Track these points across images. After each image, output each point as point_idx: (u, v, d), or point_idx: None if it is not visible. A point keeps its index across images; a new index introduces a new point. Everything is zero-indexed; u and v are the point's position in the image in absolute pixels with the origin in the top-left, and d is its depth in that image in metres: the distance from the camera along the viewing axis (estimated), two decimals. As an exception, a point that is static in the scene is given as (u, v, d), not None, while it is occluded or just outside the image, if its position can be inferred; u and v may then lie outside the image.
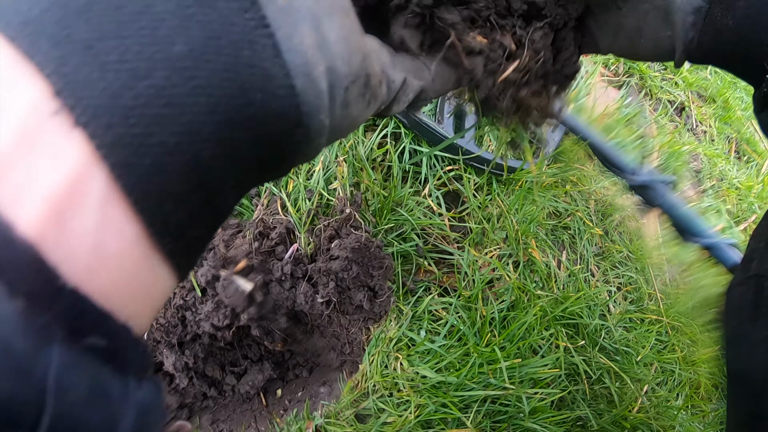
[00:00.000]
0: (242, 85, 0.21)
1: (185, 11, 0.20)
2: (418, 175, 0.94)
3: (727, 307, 0.63)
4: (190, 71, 0.19)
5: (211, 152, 0.21)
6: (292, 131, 0.24)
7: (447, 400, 0.81)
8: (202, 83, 0.20)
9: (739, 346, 0.58)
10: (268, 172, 0.26)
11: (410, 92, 0.33)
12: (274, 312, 0.85)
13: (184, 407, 1.03)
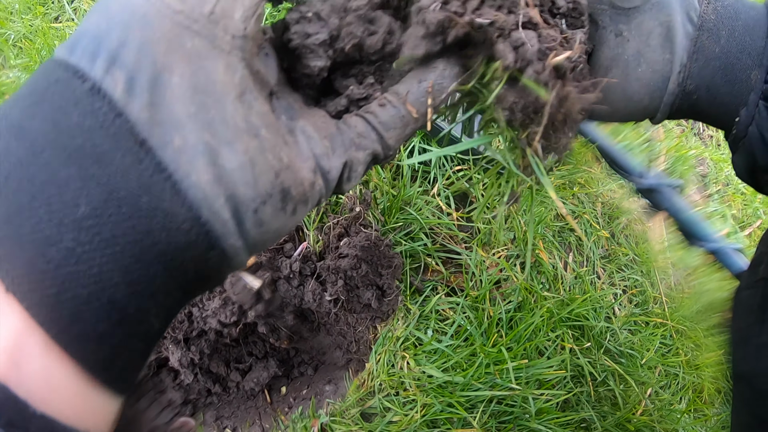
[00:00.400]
0: (145, 230, 0.23)
1: (86, 172, 0.23)
2: (427, 174, 0.94)
3: (735, 310, 0.63)
4: (95, 228, 0.22)
5: (124, 293, 0.23)
6: (205, 256, 0.26)
7: (453, 399, 0.81)
8: (107, 237, 0.23)
9: (745, 348, 0.58)
10: (192, 292, 0.28)
11: (358, 168, 0.34)
12: (281, 309, 0.85)
13: (188, 403, 1.03)
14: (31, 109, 0.24)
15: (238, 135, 0.26)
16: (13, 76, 1.14)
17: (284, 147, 0.28)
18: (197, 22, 0.25)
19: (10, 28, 1.22)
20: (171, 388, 1.03)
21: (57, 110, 0.23)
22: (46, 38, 1.13)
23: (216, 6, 0.26)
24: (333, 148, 0.33)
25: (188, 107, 0.24)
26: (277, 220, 0.28)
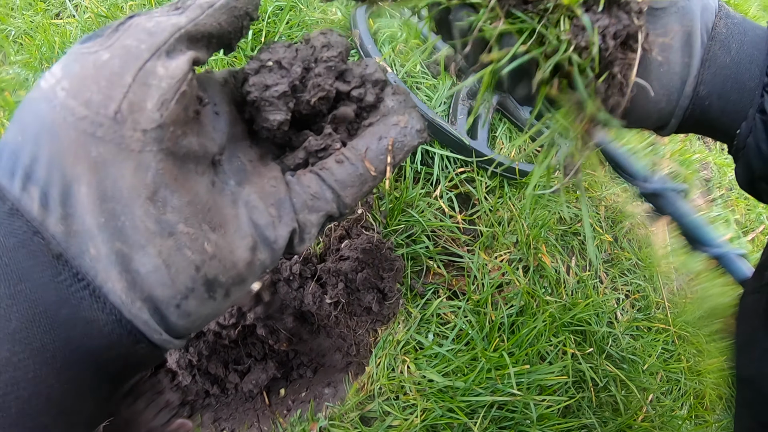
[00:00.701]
0: (66, 337, 0.26)
1: (14, 290, 0.25)
2: (430, 176, 0.93)
3: (740, 315, 0.63)
4: (26, 340, 0.24)
5: (59, 391, 0.26)
6: (133, 350, 0.28)
7: (454, 404, 0.80)
8: (37, 346, 0.25)
9: (751, 352, 0.57)
10: (126, 378, 0.30)
11: (312, 230, 0.34)
12: (280, 311, 0.84)
13: (186, 404, 1.02)
14: None
15: (149, 238, 0.27)
16: (13, 72, 1.13)
17: (211, 234, 0.29)
18: (102, 126, 0.26)
19: (11, 24, 1.21)
20: (169, 389, 1.01)
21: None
22: (47, 34, 1.12)
23: (122, 103, 0.26)
24: (280, 216, 0.33)
25: (98, 217, 0.26)
26: (205, 308, 0.29)
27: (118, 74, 0.27)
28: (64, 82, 0.26)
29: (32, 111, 0.26)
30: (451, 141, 0.92)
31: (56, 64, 0.28)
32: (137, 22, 0.29)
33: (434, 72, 1.04)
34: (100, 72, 0.27)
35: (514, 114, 1.06)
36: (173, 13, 0.30)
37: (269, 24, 1.01)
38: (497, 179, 0.97)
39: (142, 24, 0.29)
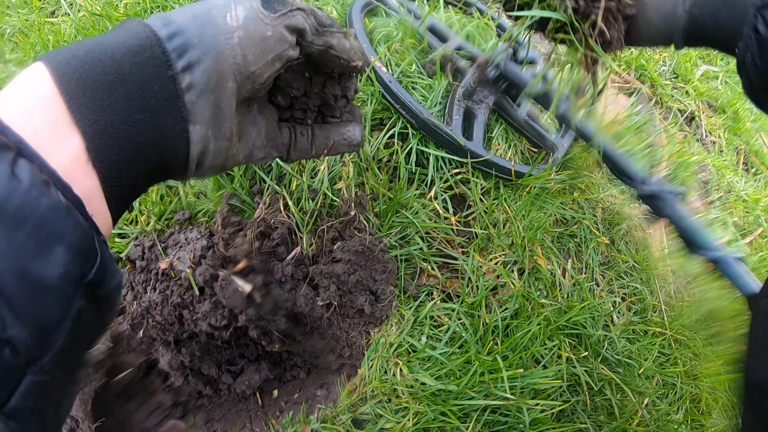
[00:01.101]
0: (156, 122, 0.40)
1: (150, 117, 0.39)
2: (425, 177, 0.93)
3: (753, 318, 0.62)
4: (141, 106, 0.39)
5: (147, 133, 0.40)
6: (179, 155, 0.42)
7: (446, 408, 0.79)
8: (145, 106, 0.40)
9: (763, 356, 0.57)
10: (157, 178, 0.44)
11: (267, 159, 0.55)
12: (273, 313, 0.83)
13: (179, 405, 1.01)
14: (132, 65, 0.37)
15: (221, 137, 0.43)
16: (7, 71, 1.12)
17: (237, 143, 0.47)
18: (241, 74, 0.42)
19: (6, 22, 1.21)
20: (161, 390, 1.01)
21: (148, 79, 0.38)
22: (41, 33, 1.11)
23: (258, 69, 0.43)
24: (265, 146, 0.52)
25: (210, 115, 0.41)
26: (210, 175, 0.47)
27: (268, 51, 0.43)
28: (241, 32, 0.41)
29: (213, 32, 0.40)
30: (447, 142, 0.91)
31: (240, 7, 0.42)
32: (296, 17, 0.44)
33: (430, 72, 1.03)
34: (261, 43, 0.42)
35: (511, 114, 1.05)
36: (314, 31, 0.46)
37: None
38: (492, 180, 0.96)
39: (296, 22, 0.44)
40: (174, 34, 0.39)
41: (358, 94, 0.88)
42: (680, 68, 1.60)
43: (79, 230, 0.32)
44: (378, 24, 1.03)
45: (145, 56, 0.38)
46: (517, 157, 1.06)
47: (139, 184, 0.41)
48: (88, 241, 0.33)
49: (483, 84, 1.01)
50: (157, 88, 0.38)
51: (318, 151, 0.58)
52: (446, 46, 1.04)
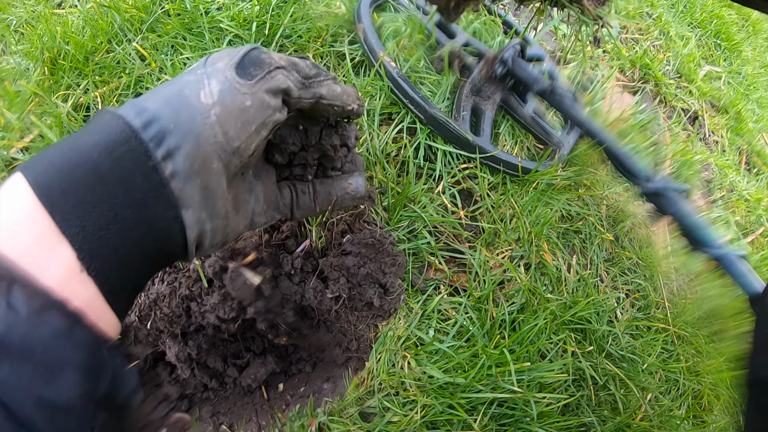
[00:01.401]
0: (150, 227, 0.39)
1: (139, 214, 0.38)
2: (433, 171, 0.93)
3: (760, 315, 0.63)
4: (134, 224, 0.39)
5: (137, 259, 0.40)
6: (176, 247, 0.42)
7: (454, 401, 0.80)
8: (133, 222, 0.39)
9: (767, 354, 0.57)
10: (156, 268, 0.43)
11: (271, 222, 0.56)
12: (281, 306, 0.84)
13: (185, 398, 1.01)
14: (111, 162, 0.36)
15: (216, 217, 0.43)
16: (13, 62, 1.12)
17: (234, 216, 0.46)
18: (225, 152, 0.41)
19: (12, 13, 1.21)
20: (167, 382, 1.02)
21: (129, 173, 0.37)
22: (49, 24, 1.11)
23: (242, 144, 0.42)
24: (267, 211, 0.52)
25: (200, 198, 0.40)
26: (211, 252, 0.47)
27: (250, 122, 0.41)
28: (218, 108, 0.40)
29: (188, 114, 0.39)
30: (454, 137, 0.92)
31: (214, 81, 0.41)
32: (277, 78, 0.43)
33: (438, 68, 1.03)
34: (241, 115, 0.41)
35: (517, 111, 1.06)
36: (299, 86, 0.45)
37: (273, 17, 1.00)
38: (500, 176, 0.97)
39: (278, 83, 0.43)
40: (149, 123, 0.38)
41: (366, 89, 0.88)
42: (684, 68, 1.61)
43: (83, 349, 0.32)
44: (387, 19, 1.04)
45: (123, 150, 0.37)
46: (523, 153, 1.07)
47: (141, 278, 0.41)
48: (94, 357, 0.33)
49: (490, 81, 1.01)
50: (141, 180, 0.37)
51: (322, 208, 0.57)
52: (454, 42, 1.05)
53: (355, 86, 0.53)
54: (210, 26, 1.01)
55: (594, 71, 1.36)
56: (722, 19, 1.96)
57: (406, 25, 1.03)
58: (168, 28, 1.03)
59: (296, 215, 0.55)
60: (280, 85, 0.43)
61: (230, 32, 0.99)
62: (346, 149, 0.56)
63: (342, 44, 1.02)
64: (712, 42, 1.87)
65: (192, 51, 1.00)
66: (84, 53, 1.05)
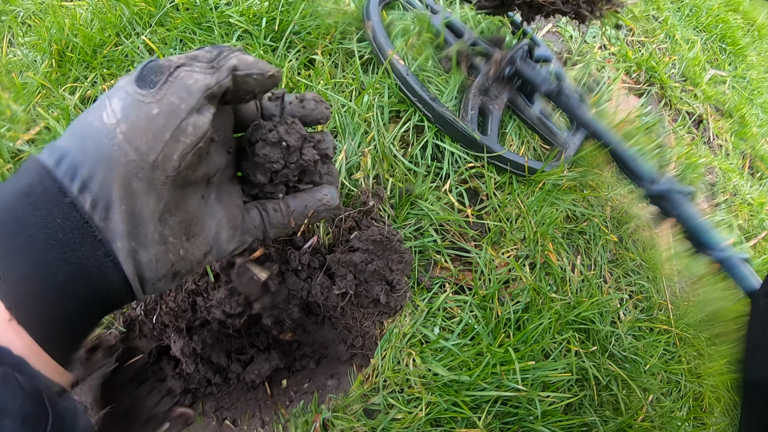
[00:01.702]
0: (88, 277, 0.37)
1: (65, 255, 0.36)
2: (440, 170, 0.93)
3: (753, 317, 0.63)
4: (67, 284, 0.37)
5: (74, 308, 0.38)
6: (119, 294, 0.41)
7: (458, 399, 0.80)
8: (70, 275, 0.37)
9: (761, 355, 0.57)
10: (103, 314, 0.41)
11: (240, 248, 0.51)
12: (286, 302, 0.84)
13: (188, 393, 1.02)
14: (28, 206, 0.35)
15: (151, 244, 0.40)
16: (20, 53, 1.12)
17: (186, 243, 0.43)
18: (142, 169, 0.37)
19: (20, 5, 1.20)
20: (171, 376, 1.02)
21: (49, 215, 0.36)
22: (56, 16, 1.11)
23: (159, 155, 0.37)
24: (234, 236, 0.49)
25: (126, 226, 0.38)
26: (167, 286, 0.43)
27: (161, 131, 0.37)
28: (123, 126, 0.36)
29: (94, 140, 0.37)
30: (462, 136, 0.92)
31: (115, 99, 0.37)
32: (181, 76, 0.39)
33: (446, 67, 1.03)
34: (149, 125, 0.37)
35: (524, 111, 1.06)
36: (208, 71, 0.40)
37: (283, 13, 1.00)
38: (506, 175, 0.97)
39: (184, 81, 0.39)
40: (60, 159, 0.36)
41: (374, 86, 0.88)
42: (689, 71, 1.62)
43: (20, 397, 0.31)
44: (395, 18, 1.04)
45: (38, 192, 0.36)
46: (529, 153, 1.07)
47: (82, 324, 0.39)
48: (33, 404, 0.32)
49: (498, 81, 1.01)
50: (61, 220, 0.36)
51: (297, 223, 0.53)
52: (462, 41, 1.05)
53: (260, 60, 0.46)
54: (219, 21, 1.01)
55: (600, 73, 1.36)
56: (728, 24, 1.96)
57: (415, 23, 1.04)
58: (177, 22, 1.03)
59: (270, 235, 0.52)
60: (187, 81, 0.39)
61: (239, 27, 0.99)
62: (325, 159, 0.55)
63: (351, 42, 1.02)
64: (717, 46, 1.87)
65: (201, 45, 1.00)
66: (92, 46, 1.05)
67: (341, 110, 0.91)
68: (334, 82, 0.97)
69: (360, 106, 0.91)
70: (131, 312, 0.95)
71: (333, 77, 0.99)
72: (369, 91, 0.93)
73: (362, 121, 0.90)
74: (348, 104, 0.91)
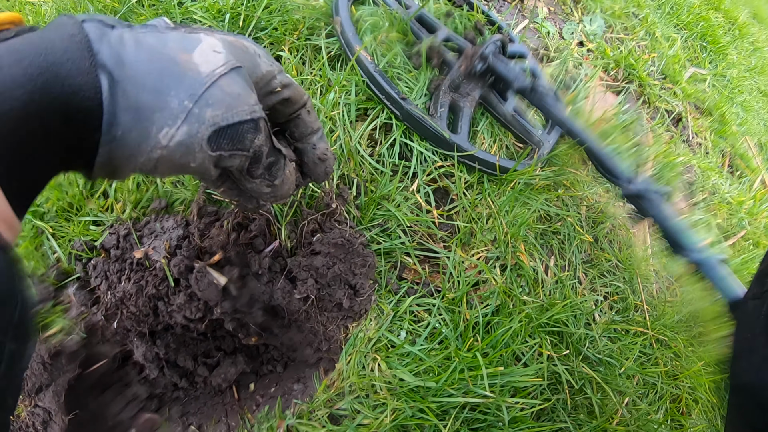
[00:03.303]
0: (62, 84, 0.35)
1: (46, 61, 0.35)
2: (408, 169, 0.91)
3: (739, 320, 0.62)
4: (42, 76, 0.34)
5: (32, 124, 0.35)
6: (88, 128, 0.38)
7: (425, 405, 0.78)
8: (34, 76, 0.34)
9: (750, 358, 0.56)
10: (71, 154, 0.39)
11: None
12: (249, 306, 0.81)
13: (154, 398, 0.99)
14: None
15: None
16: None
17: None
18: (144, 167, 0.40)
19: None
20: (136, 382, 0.99)
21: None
22: (22, 14, 1.07)
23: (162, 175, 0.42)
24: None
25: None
26: (131, 169, 0.41)
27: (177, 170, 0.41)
28: (164, 152, 0.39)
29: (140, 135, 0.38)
30: (431, 134, 0.90)
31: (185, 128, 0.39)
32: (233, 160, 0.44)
33: (416, 63, 1.01)
34: (176, 166, 0.40)
35: (497, 109, 1.04)
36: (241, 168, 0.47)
37: (248, 8, 0.97)
38: (476, 175, 0.95)
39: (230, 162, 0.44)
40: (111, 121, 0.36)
41: (341, 83, 0.86)
42: (669, 69, 1.61)
43: None
44: (365, 13, 1.01)
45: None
46: (502, 152, 1.05)
47: (42, 160, 0.36)
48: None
49: (470, 77, 0.99)
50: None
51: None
52: (433, 37, 1.02)
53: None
54: (183, 17, 0.98)
55: (577, 70, 1.35)
56: (709, 22, 1.95)
57: (385, 19, 1.01)
58: (141, 19, 1.00)
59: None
60: (228, 165, 0.43)
61: (203, 23, 0.96)
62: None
63: (319, 37, 0.99)
64: (697, 44, 1.86)
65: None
66: (53, 43, 1.02)
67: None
68: (300, 79, 0.94)
69: (325, 104, 0.89)
70: (92, 317, 0.92)
71: (300, 74, 0.96)
72: (335, 88, 0.90)
73: (327, 119, 0.88)
74: (313, 102, 0.89)
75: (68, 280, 0.90)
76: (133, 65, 0.37)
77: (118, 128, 0.37)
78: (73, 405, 0.91)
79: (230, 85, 0.41)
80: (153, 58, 0.38)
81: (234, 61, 0.42)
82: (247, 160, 0.44)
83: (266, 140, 0.45)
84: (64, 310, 0.90)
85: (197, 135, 0.39)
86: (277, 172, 0.49)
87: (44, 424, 0.89)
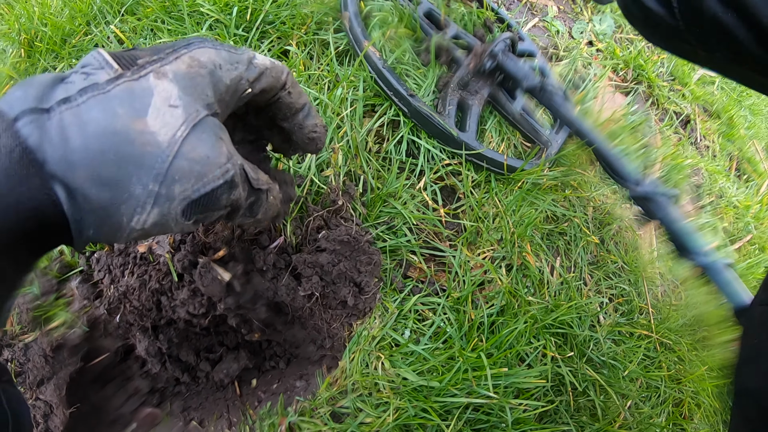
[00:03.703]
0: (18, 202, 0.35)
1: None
2: (415, 167, 0.90)
3: (747, 326, 0.61)
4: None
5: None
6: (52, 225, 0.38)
7: (427, 405, 0.78)
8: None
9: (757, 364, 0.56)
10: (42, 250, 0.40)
11: None
12: (253, 302, 0.81)
13: (156, 392, 0.99)
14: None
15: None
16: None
17: None
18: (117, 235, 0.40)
19: (-12, -9, 1.16)
20: (138, 376, 0.99)
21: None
22: (27, 5, 1.07)
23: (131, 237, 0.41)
24: None
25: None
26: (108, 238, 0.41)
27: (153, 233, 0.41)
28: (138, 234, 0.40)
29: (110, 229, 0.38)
30: (439, 132, 0.89)
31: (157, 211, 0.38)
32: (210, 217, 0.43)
33: (424, 60, 1.00)
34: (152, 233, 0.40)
35: (506, 107, 1.03)
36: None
37: (256, 1, 0.97)
38: (484, 173, 0.94)
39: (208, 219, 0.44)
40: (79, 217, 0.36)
41: (349, 79, 0.85)
42: (678, 71, 1.59)
43: None
44: (374, 8, 1.00)
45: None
46: (510, 151, 1.04)
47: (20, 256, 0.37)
48: None
49: (478, 75, 0.98)
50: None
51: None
52: (442, 34, 1.02)
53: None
54: (190, 10, 0.97)
55: (586, 70, 1.34)
56: (719, 23, 1.93)
57: (394, 14, 1.00)
58: (148, 12, 0.99)
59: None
60: (203, 221, 0.43)
61: (211, 17, 0.96)
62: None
63: (327, 32, 0.98)
64: (707, 45, 1.84)
65: (171, 35, 0.96)
66: (61, 35, 1.02)
67: (313, 103, 0.88)
68: (308, 74, 0.94)
69: (333, 100, 0.88)
70: (94, 310, 0.92)
71: (307, 69, 0.95)
72: (343, 83, 0.90)
73: (335, 115, 0.87)
74: (320, 97, 0.88)
75: (71, 273, 0.90)
76: (84, 163, 0.35)
77: (89, 229, 0.37)
78: (74, 398, 0.91)
79: (195, 149, 0.38)
80: (104, 145, 0.35)
81: (194, 112, 0.39)
82: (226, 212, 0.43)
83: (244, 188, 0.43)
84: (66, 303, 0.90)
85: (170, 214, 0.38)
86: (258, 209, 0.48)
87: (45, 417, 0.89)
